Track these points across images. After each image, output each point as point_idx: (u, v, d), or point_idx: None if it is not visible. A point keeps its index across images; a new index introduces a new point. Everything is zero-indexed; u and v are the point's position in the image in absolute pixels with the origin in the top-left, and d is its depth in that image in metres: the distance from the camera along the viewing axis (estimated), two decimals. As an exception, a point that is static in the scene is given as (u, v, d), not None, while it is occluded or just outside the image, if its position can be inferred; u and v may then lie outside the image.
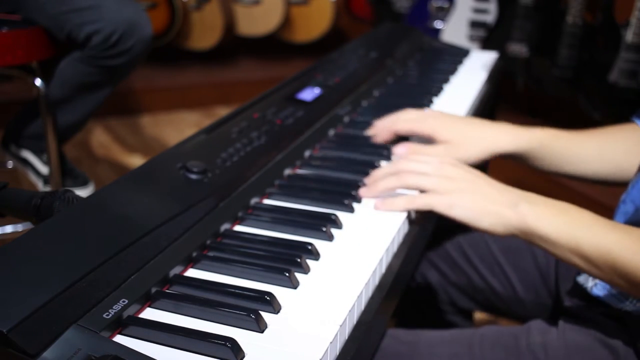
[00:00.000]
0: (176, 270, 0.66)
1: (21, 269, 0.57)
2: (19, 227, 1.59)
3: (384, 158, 0.99)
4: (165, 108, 3.31)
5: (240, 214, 0.79)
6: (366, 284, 0.67)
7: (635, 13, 2.17)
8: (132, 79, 3.04)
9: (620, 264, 0.71)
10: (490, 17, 2.87)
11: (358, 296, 0.64)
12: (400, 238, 0.81)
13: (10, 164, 1.89)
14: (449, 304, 1.19)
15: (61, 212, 0.67)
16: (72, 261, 0.59)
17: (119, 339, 0.56)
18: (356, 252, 0.73)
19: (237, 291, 0.63)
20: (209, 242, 0.72)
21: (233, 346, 0.54)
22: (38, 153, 1.83)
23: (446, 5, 3.01)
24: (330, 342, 0.57)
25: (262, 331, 0.58)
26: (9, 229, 1.60)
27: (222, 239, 0.74)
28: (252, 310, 0.58)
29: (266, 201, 0.85)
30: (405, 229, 0.83)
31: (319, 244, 0.73)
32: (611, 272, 0.73)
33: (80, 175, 1.87)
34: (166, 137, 3.00)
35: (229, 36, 3.48)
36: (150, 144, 2.91)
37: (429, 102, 1.26)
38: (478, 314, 1.40)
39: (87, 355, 0.51)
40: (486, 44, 2.81)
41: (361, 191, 0.86)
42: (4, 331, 0.50)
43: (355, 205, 0.84)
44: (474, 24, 2.91)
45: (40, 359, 0.50)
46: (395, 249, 0.78)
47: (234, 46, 3.74)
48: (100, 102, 1.78)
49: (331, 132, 1.08)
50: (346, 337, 0.62)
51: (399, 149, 0.99)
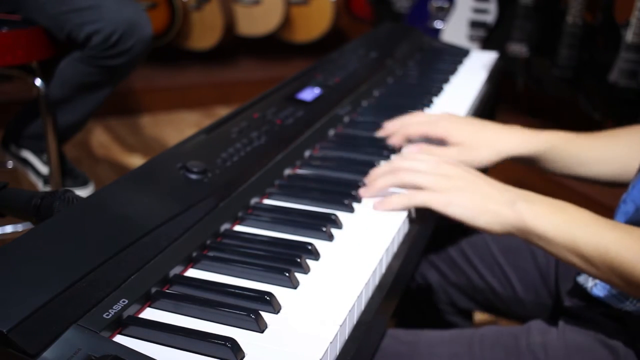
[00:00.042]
0: (176, 270, 0.66)
1: (21, 269, 0.57)
2: (19, 227, 1.59)
3: (383, 158, 0.99)
4: (165, 108, 3.31)
5: (240, 214, 0.79)
6: (366, 284, 0.67)
7: (635, 13, 2.17)
8: (132, 79, 3.04)
9: (618, 263, 0.71)
10: (490, 17, 2.87)
11: (358, 296, 0.64)
12: (400, 238, 0.81)
13: (10, 164, 1.89)
14: (448, 304, 1.19)
15: (61, 212, 0.67)
16: (72, 261, 0.59)
17: (119, 339, 0.56)
18: (356, 252, 0.73)
19: (237, 291, 0.63)
20: (209, 242, 0.72)
21: (233, 346, 0.54)
22: (38, 153, 1.83)
23: (446, 5, 3.01)
24: (330, 342, 0.57)
25: (262, 331, 0.58)
26: (9, 229, 1.60)
27: (222, 239, 0.74)
28: (252, 310, 0.58)
29: (266, 201, 0.85)
30: (405, 229, 0.83)
31: (319, 244, 0.73)
32: (609, 272, 0.73)
33: (80, 175, 1.87)
34: (166, 137, 3.00)
35: (229, 36, 3.48)
36: (150, 144, 2.91)
37: (429, 102, 1.26)
38: (478, 315, 1.40)
39: (87, 355, 0.51)
40: (486, 44, 2.81)
41: (360, 191, 0.86)
42: (4, 331, 0.50)
43: (355, 205, 0.84)
44: (474, 24, 2.91)
45: (40, 359, 0.50)
46: (395, 249, 0.78)
47: (234, 46, 3.74)
48: (100, 102, 1.78)
49: (331, 132, 1.08)
50: (346, 337, 0.62)
51: (410, 149, 0.99)
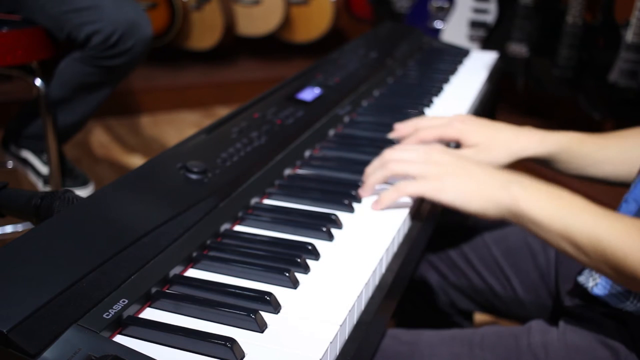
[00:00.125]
0: (176, 270, 0.66)
1: (21, 269, 0.57)
2: (19, 227, 1.59)
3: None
4: (165, 108, 3.31)
5: (240, 214, 0.79)
6: (366, 284, 0.67)
7: (635, 13, 2.17)
8: (132, 79, 3.04)
9: (610, 253, 0.71)
10: (490, 17, 2.87)
11: (358, 296, 0.64)
12: (400, 238, 0.81)
13: (10, 164, 1.89)
14: (449, 305, 1.19)
15: (61, 212, 0.67)
16: (72, 261, 0.59)
17: (119, 339, 0.56)
18: (356, 252, 0.73)
19: (237, 291, 0.63)
20: (209, 242, 0.72)
21: (233, 346, 0.54)
22: (38, 153, 1.83)
23: (446, 5, 3.01)
24: (330, 342, 0.57)
25: (262, 331, 0.58)
26: (9, 229, 1.60)
27: (222, 239, 0.74)
28: (252, 310, 0.58)
29: (266, 201, 0.85)
30: (405, 229, 0.83)
31: (319, 244, 0.73)
32: (600, 260, 0.73)
33: (80, 175, 1.87)
34: (166, 137, 3.00)
35: (229, 36, 3.48)
36: (150, 144, 2.91)
37: (429, 102, 1.26)
38: (478, 315, 1.40)
39: (87, 355, 0.51)
40: (486, 44, 2.81)
41: (359, 191, 0.86)
42: (4, 331, 0.50)
43: (355, 205, 0.84)
44: (474, 24, 2.91)
45: (41, 359, 0.50)
46: (395, 249, 0.78)
47: (234, 46, 3.74)
48: (101, 103, 1.78)
49: (331, 132, 1.08)
50: (346, 337, 0.62)
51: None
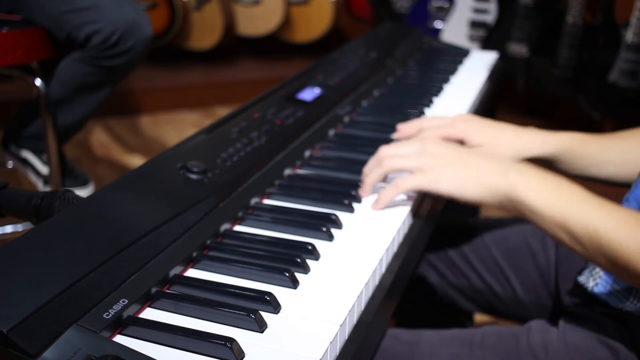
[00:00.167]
0: (176, 270, 0.66)
1: (21, 269, 0.57)
2: (19, 227, 1.59)
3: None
4: (165, 108, 3.31)
5: (240, 214, 0.79)
6: (366, 284, 0.67)
7: (635, 13, 2.18)
8: (132, 79, 3.04)
9: (606, 243, 0.71)
10: (490, 17, 2.87)
11: (358, 296, 0.64)
12: (400, 238, 0.81)
13: (10, 164, 1.89)
14: (448, 306, 1.19)
15: (61, 212, 0.67)
16: (72, 261, 0.59)
17: (119, 339, 0.56)
18: (356, 252, 0.73)
19: (237, 291, 0.63)
20: (209, 242, 0.72)
21: (233, 346, 0.54)
22: (38, 153, 1.83)
23: (446, 5, 3.01)
24: (330, 342, 0.57)
25: (262, 331, 0.58)
26: (9, 229, 1.60)
27: (222, 239, 0.74)
28: (252, 310, 0.58)
29: (266, 201, 0.85)
30: (405, 229, 0.83)
31: (319, 244, 0.73)
32: (595, 251, 0.72)
33: (80, 175, 1.87)
34: (166, 137, 3.00)
35: (229, 36, 3.48)
36: (150, 144, 2.91)
37: (429, 102, 1.26)
38: (478, 315, 1.40)
39: (87, 355, 0.51)
40: (486, 44, 2.81)
41: (359, 191, 0.86)
42: (4, 331, 0.50)
43: (355, 205, 0.84)
44: (474, 24, 2.91)
45: (41, 359, 0.50)
46: (395, 249, 0.78)
47: (234, 46, 3.74)
48: (101, 103, 1.78)
49: (331, 132, 1.08)
50: (346, 337, 0.62)
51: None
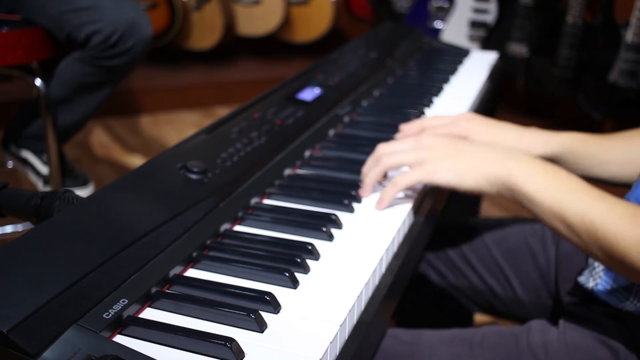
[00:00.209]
0: (176, 270, 0.66)
1: (21, 269, 0.57)
2: (19, 227, 1.59)
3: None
4: (165, 108, 3.31)
5: (240, 214, 0.79)
6: (366, 284, 0.67)
7: (635, 13, 2.18)
8: (132, 79, 3.04)
9: (602, 235, 0.71)
10: (490, 17, 2.87)
11: (358, 296, 0.64)
12: (400, 238, 0.81)
13: (10, 164, 1.89)
14: (448, 306, 1.19)
15: (61, 212, 0.67)
16: (72, 261, 0.59)
17: (119, 339, 0.56)
18: (356, 252, 0.73)
19: (237, 291, 0.63)
20: (209, 242, 0.72)
21: (233, 346, 0.54)
22: (38, 153, 1.83)
23: (446, 5, 3.01)
24: (330, 342, 0.57)
25: (262, 331, 0.58)
26: (9, 229, 1.60)
27: (222, 239, 0.74)
28: (252, 310, 0.58)
29: (266, 201, 0.85)
30: (405, 229, 0.83)
31: (319, 244, 0.73)
32: (592, 243, 0.72)
33: (80, 175, 1.87)
34: (166, 137, 3.00)
35: (229, 36, 3.48)
36: (150, 144, 2.91)
37: (429, 102, 1.26)
38: (478, 315, 1.40)
39: (87, 355, 0.51)
40: (486, 44, 2.81)
41: (359, 191, 0.86)
42: (4, 331, 0.50)
43: (355, 205, 0.84)
44: (474, 24, 2.91)
45: (41, 359, 0.50)
46: (395, 249, 0.78)
47: (234, 46, 3.74)
48: (101, 103, 1.78)
49: (331, 132, 1.08)
50: (346, 337, 0.62)
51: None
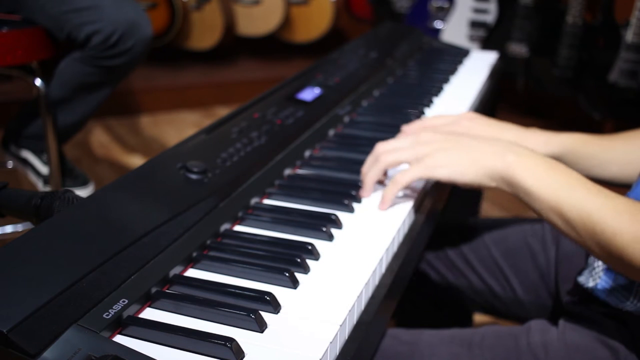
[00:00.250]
0: (176, 270, 0.66)
1: (21, 269, 0.57)
2: (19, 227, 1.59)
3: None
4: (165, 108, 3.31)
5: (240, 214, 0.79)
6: (366, 284, 0.67)
7: (635, 13, 2.18)
8: (132, 79, 3.04)
9: (599, 230, 0.71)
10: (490, 17, 2.87)
11: (358, 296, 0.64)
12: (400, 238, 0.81)
13: (10, 164, 1.89)
14: (448, 306, 1.19)
15: (61, 212, 0.67)
16: (72, 261, 0.59)
17: (119, 339, 0.56)
18: (356, 252, 0.73)
19: (237, 291, 0.63)
20: (209, 242, 0.72)
21: (233, 346, 0.54)
22: (38, 153, 1.83)
23: (446, 5, 3.01)
24: (330, 342, 0.57)
25: (262, 331, 0.58)
26: (9, 229, 1.60)
27: (222, 239, 0.74)
28: (252, 310, 0.58)
29: (266, 201, 0.85)
30: (405, 229, 0.83)
31: (319, 244, 0.73)
32: (588, 237, 0.72)
33: (80, 175, 1.87)
34: (166, 137, 3.00)
35: (229, 36, 3.48)
36: (150, 144, 2.91)
37: (429, 102, 1.26)
38: (478, 315, 1.40)
39: (87, 355, 0.51)
40: (486, 44, 2.81)
41: (360, 192, 0.86)
42: (4, 331, 0.50)
43: (355, 205, 0.84)
44: (474, 24, 2.91)
45: (41, 359, 0.50)
46: (395, 249, 0.78)
47: (234, 46, 3.74)
48: (101, 103, 1.78)
49: (331, 132, 1.08)
50: (346, 337, 0.62)
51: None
